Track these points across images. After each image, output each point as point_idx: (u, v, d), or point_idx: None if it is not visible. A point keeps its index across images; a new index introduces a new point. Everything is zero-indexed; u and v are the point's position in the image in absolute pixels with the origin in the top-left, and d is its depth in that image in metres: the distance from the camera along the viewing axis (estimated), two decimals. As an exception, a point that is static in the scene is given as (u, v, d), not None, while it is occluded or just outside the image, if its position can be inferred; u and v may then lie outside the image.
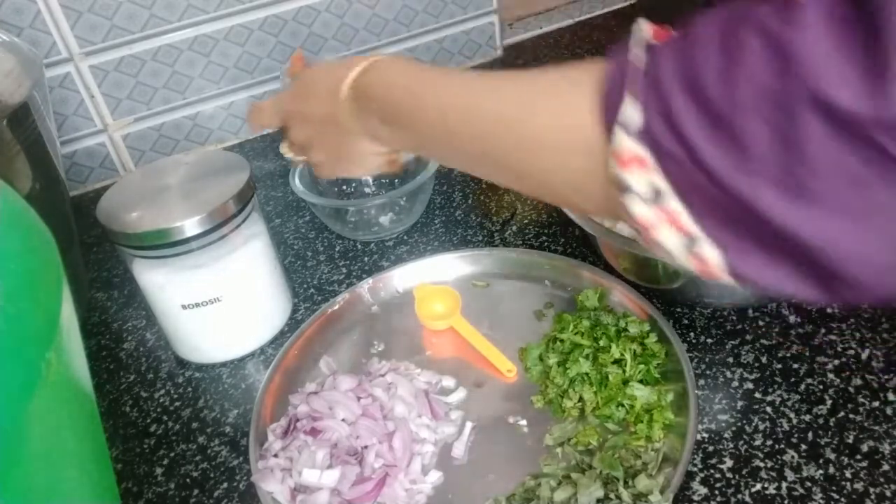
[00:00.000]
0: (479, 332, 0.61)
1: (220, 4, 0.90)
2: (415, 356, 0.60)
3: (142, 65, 0.90)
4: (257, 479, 0.50)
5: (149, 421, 0.59)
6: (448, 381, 0.57)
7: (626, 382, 0.53)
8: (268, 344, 0.64)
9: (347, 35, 0.99)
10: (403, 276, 0.67)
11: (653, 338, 0.55)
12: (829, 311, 0.58)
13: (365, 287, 0.66)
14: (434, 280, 0.67)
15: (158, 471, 0.55)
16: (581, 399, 0.53)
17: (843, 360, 0.54)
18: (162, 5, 0.87)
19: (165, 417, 0.59)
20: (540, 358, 0.57)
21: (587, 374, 0.53)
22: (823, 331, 0.57)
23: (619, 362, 0.54)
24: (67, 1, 0.83)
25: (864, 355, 0.54)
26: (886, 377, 0.52)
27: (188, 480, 0.54)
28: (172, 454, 0.56)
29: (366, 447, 0.51)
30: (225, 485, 0.53)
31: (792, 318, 0.58)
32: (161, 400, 0.61)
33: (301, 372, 0.60)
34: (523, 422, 0.53)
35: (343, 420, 0.52)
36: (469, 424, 0.53)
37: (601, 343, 0.55)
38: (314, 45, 0.98)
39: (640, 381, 0.53)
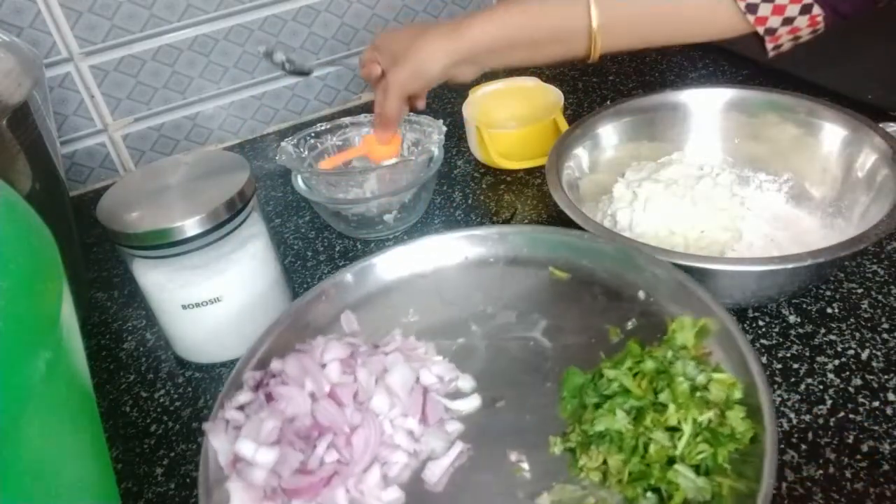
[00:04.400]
0: (531, 333, 0.51)
1: (220, 4, 0.90)
2: (447, 340, 0.50)
3: (142, 65, 0.90)
4: (208, 429, 0.44)
5: (149, 421, 0.59)
6: (466, 383, 0.48)
7: (671, 461, 0.39)
8: (268, 344, 0.64)
9: (347, 35, 0.99)
10: (471, 243, 0.57)
11: (739, 412, 0.40)
12: (829, 311, 0.58)
13: (427, 244, 0.56)
14: (510, 255, 0.56)
15: (158, 471, 0.55)
16: (605, 463, 0.40)
17: (843, 360, 0.54)
18: (162, 5, 0.87)
19: (165, 417, 0.59)
20: (581, 391, 0.44)
21: (620, 433, 0.40)
22: (823, 331, 0.57)
23: (673, 431, 0.40)
24: (67, 1, 0.83)
25: (864, 355, 0.54)
26: (886, 377, 0.52)
27: (188, 480, 0.54)
28: (172, 454, 0.56)
29: (320, 434, 0.43)
30: (225, 485, 0.53)
31: (792, 318, 0.58)
32: (161, 400, 0.61)
33: (325, 319, 0.52)
34: (526, 465, 0.42)
35: (311, 395, 0.44)
36: (459, 446, 0.44)
37: (660, 397, 0.41)
38: (314, 45, 0.98)
39: (695, 467, 0.38)
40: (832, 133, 0.65)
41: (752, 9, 0.56)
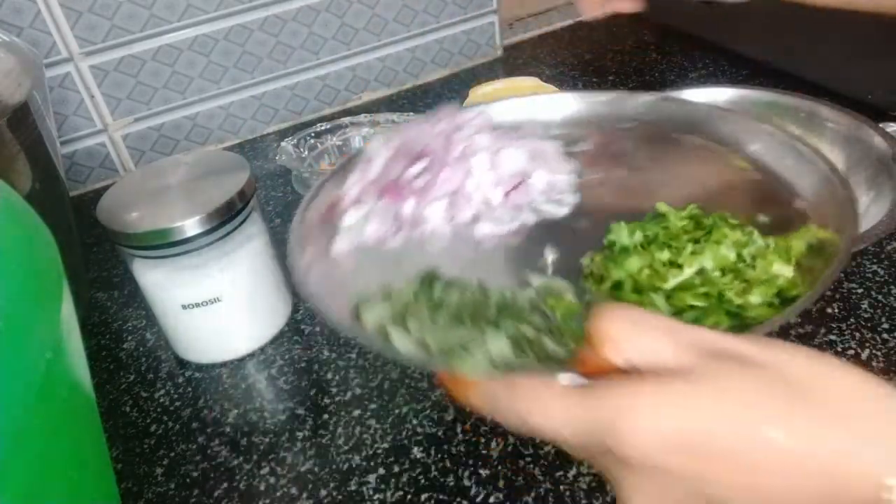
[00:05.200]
0: (657, 189, 0.48)
1: (220, 4, 0.90)
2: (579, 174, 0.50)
3: (142, 65, 0.90)
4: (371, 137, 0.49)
5: (149, 421, 0.59)
6: (568, 198, 0.49)
7: (678, 290, 0.36)
8: (268, 344, 0.64)
9: (347, 35, 0.99)
10: (681, 109, 0.53)
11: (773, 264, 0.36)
12: (829, 311, 0.58)
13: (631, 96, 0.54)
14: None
15: (158, 471, 0.55)
16: (620, 284, 0.39)
17: (843, 360, 0.54)
18: (162, 5, 0.87)
19: (165, 417, 0.59)
20: (639, 228, 0.42)
21: (626, 247, 0.39)
22: (823, 331, 0.57)
23: (703, 273, 0.36)
24: (67, 1, 0.83)
25: (864, 355, 0.54)
26: (886, 377, 0.52)
27: (188, 480, 0.54)
28: (172, 454, 0.56)
29: (423, 157, 0.47)
30: (225, 485, 0.53)
31: (792, 318, 0.58)
32: (161, 400, 0.61)
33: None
34: (550, 266, 0.45)
35: (437, 133, 0.49)
36: (518, 222, 0.47)
37: (707, 240, 0.38)
38: (314, 45, 0.98)
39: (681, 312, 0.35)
40: (832, 133, 0.65)
41: None
